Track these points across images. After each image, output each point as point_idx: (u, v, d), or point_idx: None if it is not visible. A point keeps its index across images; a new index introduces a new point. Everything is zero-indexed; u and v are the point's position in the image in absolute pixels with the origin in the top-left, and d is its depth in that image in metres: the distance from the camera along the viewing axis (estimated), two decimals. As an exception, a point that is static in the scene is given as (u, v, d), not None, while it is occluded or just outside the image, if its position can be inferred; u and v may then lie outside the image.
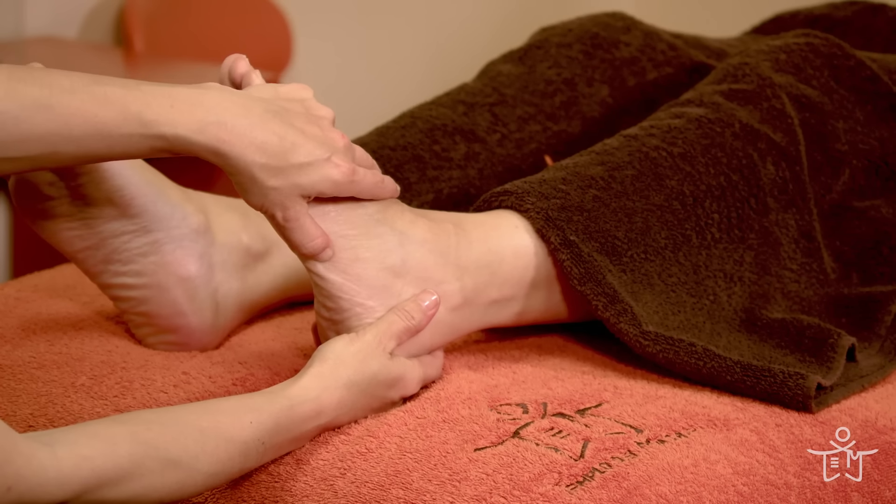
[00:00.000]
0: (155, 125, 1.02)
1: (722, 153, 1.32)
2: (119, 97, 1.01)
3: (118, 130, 1.01)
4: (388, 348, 1.11)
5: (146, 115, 1.02)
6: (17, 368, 1.20)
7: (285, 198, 1.07)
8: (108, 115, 1.01)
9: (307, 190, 1.08)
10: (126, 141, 1.02)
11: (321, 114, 1.11)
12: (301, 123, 1.08)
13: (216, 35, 2.81)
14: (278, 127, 1.06)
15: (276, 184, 1.07)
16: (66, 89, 1.00)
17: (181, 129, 1.03)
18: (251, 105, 1.06)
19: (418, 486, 1.02)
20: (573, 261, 1.21)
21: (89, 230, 1.19)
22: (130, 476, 0.92)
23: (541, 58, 1.55)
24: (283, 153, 1.06)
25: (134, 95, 1.02)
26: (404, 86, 3.29)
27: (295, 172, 1.07)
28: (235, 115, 1.05)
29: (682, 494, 1.02)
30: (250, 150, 1.05)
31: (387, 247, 1.14)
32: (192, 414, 0.99)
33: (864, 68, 1.46)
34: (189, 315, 1.22)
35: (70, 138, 1.00)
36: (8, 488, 0.85)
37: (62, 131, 1.00)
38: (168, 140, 1.03)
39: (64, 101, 1.00)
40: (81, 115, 1.00)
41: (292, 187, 1.07)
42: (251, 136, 1.05)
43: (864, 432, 1.14)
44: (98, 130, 1.01)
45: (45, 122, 0.99)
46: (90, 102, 1.00)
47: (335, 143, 1.09)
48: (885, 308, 1.31)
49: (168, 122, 1.02)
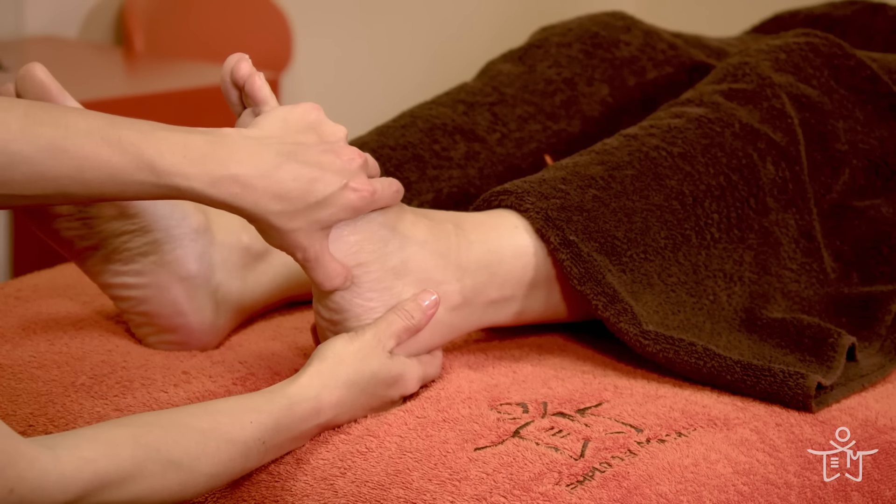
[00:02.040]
0: (167, 176, 1.02)
1: (722, 153, 1.32)
2: (133, 143, 1.01)
3: (130, 177, 1.01)
4: (387, 347, 1.11)
5: (159, 164, 1.01)
6: (17, 368, 1.20)
7: (305, 237, 1.07)
8: (122, 161, 1.00)
9: (327, 222, 1.08)
10: (138, 188, 1.02)
11: (335, 137, 1.10)
12: (315, 156, 1.07)
13: (216, 35, 2.81)
14: (293, 168, 1.05)
15: (294, 226, 1.07)
16: (82, 131, 0.99)
17: (194, 183, 1.02)
18: (263, 153, 1.05)
19: (418, 485, 1.02)
20: (573, 260, 1.21)
21: (89, 230, 1.19)
22: (132, 478, 0.92)
23: (541, 57, 1.55)
24: (300, 196, 1.06)
25: (148, 143, 1.01)
26: (404, 85, 3.29)
27: (314, 210, 1.07)
28: (248, 167, 1.04)
29: (683, 494, 1.02)
30: (264, 200, 1.04)
31: (388, 249, 1.14)
32: (193, 416, 0.99)
33: (864, 68, 1.46)
34: (189, 314, 1.22)
35: (82, 182, 1.00)
36: (10, 490, 0.85)
37: (75, 175, 0.99)
38: (181, 191, 1.03)
39: (78, 144, 0.99)
40: (94, 160, 0.99)
41: (312, 224, 1.07)
42: (265, 186, 1.04)
43: (864, 432, 1.14)
44: (110, 176, 1.00)
45: (59, 166, 0.99)
46: (104, 147, 1.00)
47: (351, 166, 1.09)
48: (885, 307, 1.31)
49: (180, 174, 1.02)
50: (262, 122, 1.09)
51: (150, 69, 2.54)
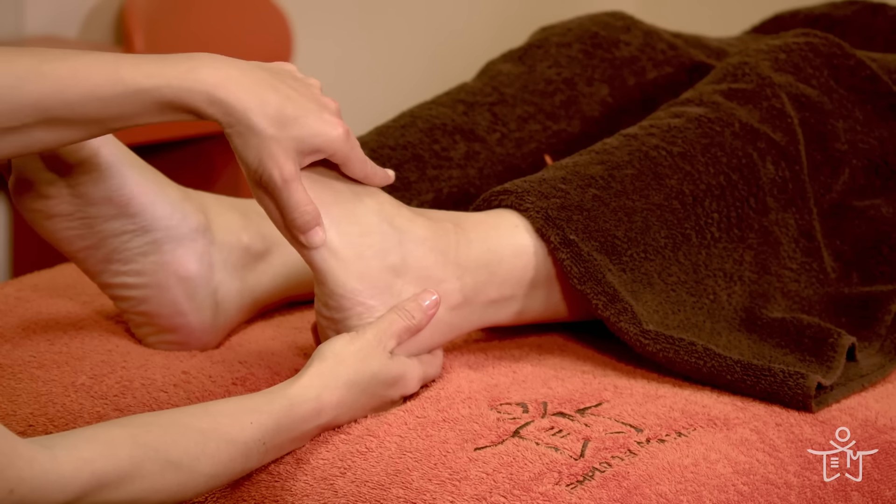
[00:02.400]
0: (147, 80, 1.02)
1: (721, 152, 1.32)
2: (109, 61, 1.02)
3: (111, 90, 1.02)
4: (388, 347, 1.11)
5: (137, 72, 1.02)
6: (17, 368, 1.20)
7: (283, 152, 1.07)
8: (100, 76, 1.02)
9: (304, 144, 1.08)
10: (120, 101, 1.02)
11: (309, 82, 1.12)
12: (291, 83, 1.09)
13: (216, 35, 2.81)
14: (270, 79, 1.07)
15: (273, 132, 1.06)
16: (58, 56, 1.01)
17: (174, 80, 1.03)
18: (241, 62, 1.07)
19: (418, 485, 1.02)
20: (573, 260, 1.21)
21: (89, 229, 1.19)
22: (131, 478, 0.92)
23: (541, 57, 1.55)
24: (276, 103, 1.06)
25: (124, 59, 1.03)
26: (404, 85, 3.29)
27: (291, 124, 1.07)
28: (228, 66, 1.05)
29: (683, 494, 1.02)
30: (245, 95, 1.05)
31: (387, 245, 1.14)
32: (192, 416, 0.99)
33: (863, 68, 1.46)
34: (189, 314, 1.22)
35: (63, 102, 1.01)
36: (10, 491, 0.85)
37: (55, 95, 1.01)
38: (162, 92, 1.03)
39: (55, 66, 1.01)
40: (73, 78, 1.01)
41: (290, 139, 1.07)
42: (244, 81, 1.05)
43: (864, 432, 1.14)
44: (90, 92, 1.01)
45: (38, 88, 1.00)
46: (81, 66, 1.01)
47: (327, 105, 1.10)
48: (885, 307, 1.31)
49: (160, 74, 1.03)
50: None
51: (149, 69, 2.54)
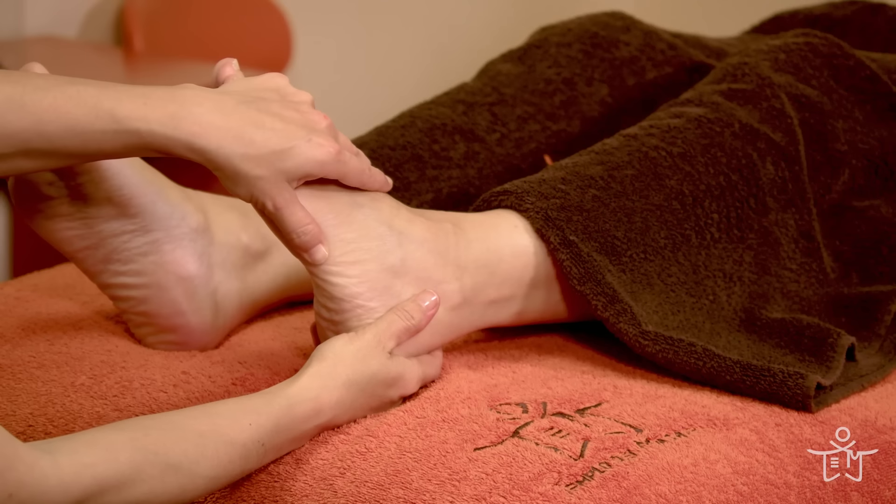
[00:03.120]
0: (127, 121, 1.01)
1: (721, 153, 1.32)
2: (92, 95, 1.01)
3: (91, 127, 1.01)
4: (387, 347, 1.11)
5: (118, 111, 1.01)
6: (16, 368, 1.20)
7: (272, 185, 1.07)
8: (81, 111, 1.01)
9: (293, 174, 1.07)
10: (100, 137, 1.02)
11: (299, 98, 1.11)
12: (277, 109, 1.07)
13: (216, 35, 2.81)
14: (254, 115, 1.06)
15: (260, 172, 1.06)
16: (40, 87, 1.00)
17: (154, 125, 1.02)
18: (224, 99, 1.06)
19: (418, 485, 1.02)
20: (572, 260, 1.21)
21: (89, 230, 1.19)
22: (132, 482, 0.92)
23: (540, 57, 1.55)
24: (261, 141, 1.05)
25: (107, 94, 1.01)
26: (404, 85, 3.29)
27: (277, 159, 1.06)
28: (209, 109, 1.04)
29: (682, 494, 1.02)
30: (227, 141, 1.04)
31: (386, 247, 1.14)
32: (191, 418, 0.99)
33: (863, 68, 1.46)
34: (188, 314, 1.22)
35: (43, 135, 1.00)
36: (10, 495, 0.85)
37: (35, 128, 1.00)
38: (142, 136, 1.02)
39: (36, 99, 0.99)
40: (54, 112, 1.00)
41: (277, 174, 1.06)
42: (226, 126, 1.04)
43: (863, 432, 1.14)
44: (71, 127, 1.00)
45: (18, 120, 0.99)
46: (62, 100, 1.00)
47: (316, 125, 1.09)
48: (884, 307, 1.31)
49: (141, 117, 1.02)
50: (226, 84, 1.10)
51: (149, 69, 2.54)
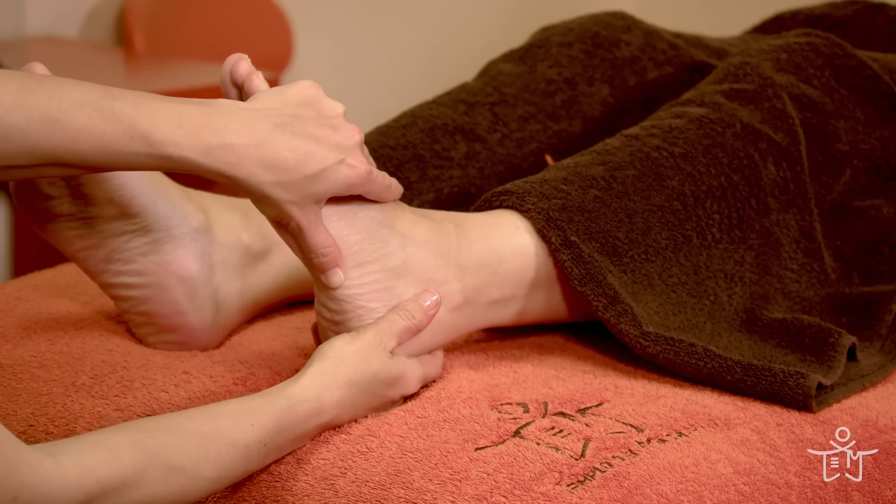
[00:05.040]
0: (161, 146, 1.01)
1: (723, 153, 1.32)
2: (127, 114, 1.00)
3: (125, 148, 1.01)
4: (388, 347, 1.11)
5: (153, 135, 1.01)
6: (17, 368, 1.20)
7: (300, 208, 1.07)
8: (115, 132, 1.00)
9: (322, 196, 1.08)
10: (132, 158, 1.01)
11: (332, 113, 1.10)
12: (312, 129, 1.07)
13: (216, 34, 2.81)
14: (289, 140, 1.05)
15: (289, 197, 1.06)
16: (76, 103, 0.99)
17: (187, 152, 1.02)
18: (259, 123, 1.05)
19: (419, 485, 1.02)
20: (574, 261, 1.21)
21: (90, 229, 1.18)
22: (135, 484, 0.92)
23: (541, 57, 1.55)
24: (295, 167, 1.05)
25: (143, 114, 1.01)
26: (405, 85, 3.29)
27: (309, 183, 1.06)
28: (243, 136, 1.03)
29: (683, 494, 1.02)
30: (259, 170, 1.04)
31: (389, 249, 1.14)
32: (193, 420, 0.99)
33: (865, 68, 1.46)
34: (189, 314, 1.22)
35: (76, 152, 0.99)
36: (14, 497, 0.85)
37: (68, 146, 0.99)
38: (174, 160, 1.02)
39: (72, 116, 0.99)
40: (88, 131, 0.99)
41: (307, 197, 1.07)
42: (259, 156, 1.04)
43: (864, 432, 1.14)
44: (104, 147, 1.00)
45: (52, 137, 0.98)
46: (97, 118, 0.99)
47: (348, 142, 1.08)
48: (885, 307, 1.31)
49: (174, 143, 1.01)
50: (259, 96, 1.09)
51: (150, 69, 2.54)
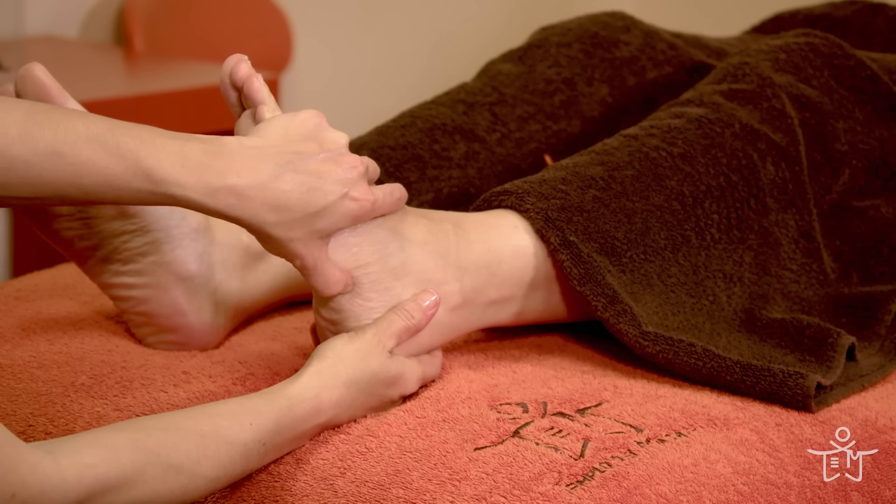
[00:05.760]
0: (164, 185, 1.01)
1: (722, 153, 1.32)
2: (131, 150, 1.00)
3: (127, 185, 1.01)
4: (387, 347, 1.11)
5: (156, 173, 1.01)
6: (17, 368, 1.20)
7: (304, 245, 1.07)
8: (119, 168, 1.00)
9: (326, 231, 1.08)
10: (135, 194, 1.02)
11: (335, 145, 1.09)
12: (315, 165, 1.07)
13: (216, 35, 2.81)
14: (292, 178, 1.05)
15: (293, 235, 1.06)
16: (81, 137, 0.99)
17: (191, 193, 1.02)
18: (262, 164, 1.05)
19: (418, 485, 1.02)
20: (573, 261, 1.21)
21: (89, 230, 1.19)
22: (133, 483, 0.92)
23: (540, 57, 1.55)
24: (298, 206, 1.05)
25: (147, 151, 1.01)
26: (404, 85, 3.29)
27: (312, 220, 1.07)
28: (246, 178, 1.03)
29: (683, 494, 1.02)
30: (262, 211, 1.04)
31: (388, 251, 1.14)
32: (192, 419, 0.99)
33: (864, 68, 1.46)
34: (189, 314, 1.22)
35: (79, 186, 1.00)
36: (13, 495, 0.85)
37: (72, 180, 0.99)
38: (177, 200, 1.02)
39: (76, 150, 0.99)
40: (92, 166, 0.99)
41: (311, 233, 1.07)
42: (263, 197, 1.04)
43: (864, 432, 1.14)
44: (107, 183, 1.00)
45: (56, 170, 0.99)
46: (101, 153, 1.00)
47: (351, 174, 1.08)
48: (884, 307, 1.31)
49: (177, 183, 1.02)
50: (263, 129, 1.09)
51: (150, 69, 2.54)
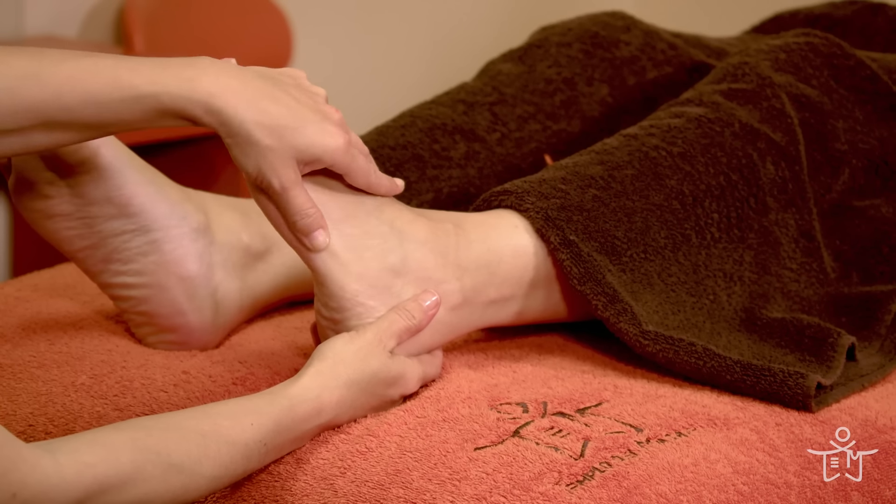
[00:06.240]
0: (145, 86, 1.02)
1: (721, 153, 1.32)
2: (109, 66, 1.02)
3: (109, 96, 1.02)
4: (388, 347, 1.11)
5: (136, 79, 1.02)
6: (17, 367, 1.20)
7: (281, 161, 1.07)
8: (99, 81, 1.01)
9: (303, 154, 1.07)
10: (118, 106, 1.02)
11: (314, 90, 1.11)
12: (294, 92, 1.08)
13: (216, 35, 2.81)
14: (270, 89, 1.06)
15: (270, 142, 1.06)
16: (56, 60, 1.01)
17: (172, 88, 1.03)
18: (242, 70, 1.06)
19: (418, 485, 1.02)
20: (573, 260, 1.21)
21: (89, 229, 1.19)
22: (133, 482, 0.92)
23: (541, 57, 1.55)
24: (276, 114, 1.06)
25: (124, 64, 1.02)
26: (404, 85, 3.29)
27: (290, 134, 1.06)
28: (227, 74, 1.05)
29: (683, 493, 1.02)
30: (243, 105, 1.04)
31: (387, 246, 1.14)
32: (193, 418, 0.99)
33: (863, 68, 1.46)
34: (189, 314, 1.22)
35: (61, 107, 1.01)
36: (13, 495, 0.85)
37: (53, 100, 1.00)
38: (160, 100, 1.03)
39: (53, 71, 1.00)
40: (71, 83, 1.00)
41: (288, 149, 1.07)
42: (243, 92, 1.05)
43: (864, 431, 1.14)
44: (89, 97, 1.01)
45: (36, 92, 1.00)
46: (79, 71, 1.01)
47: (329, 115, 1.09)
48: (885, 307, 1.31)
49: (159, 81, 1.02)
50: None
51: (149, 69, 2.54)
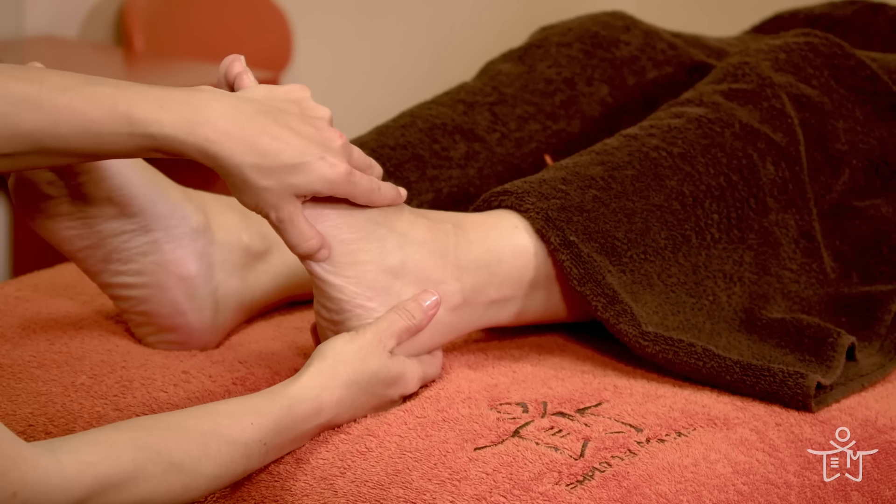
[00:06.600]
0: (142, 124, 1.02)
1: (722, 153, 1.32)
2: (108, 96, 1.01)
3: (106, 129, 1.01)
4: (388, 347, 1.11)
5: (134, 113, 1.01)
6: (16, 367, 1.20)
7: (278, 198, 1.07)
8: (97, 113, 1.01)
9: (300, 190, 1.08)
10: (114, 139, 1.02)
11: (317, 114, 1.10)
12: (294, 123, 1.07)
13: (216, 35, 2.81)
14: (269, 126, 1.06)
15: (267, 184, 1.06)
16: (57, 87, 1.00)
17: (168, 129, 1.02)
18: (242, 106, 1.05)
19: (418, 485, 1.02)
20: (573, 261, 1.21)
21: (89, 229, 1.19)
22: (134, 481, 0.92)
23: (541, 57, 1.55)
24: (274, 153, 1.05)
25: (123, 95, 1.01)
26: (404, 85, 3.29)
27: (287, 172, 1.06)
28: (225, 116, 1.04)
29: (682, 493, 1.02)
30: (239, 150, 1.04)
31: (386, 248, 1.14)
32: (193, 418, 0.99)
33: (863, 68, 1.46)
34: (189, 314, 1.22)
35: (58, 136, 1.00)
36: (13, 493, 0.85)
37: (50, 129, 1.00)
38: (156, 139, 1.02)
39: (53, 99, 1.00)
40: (69, 113, 1.00)
41: (285, 187, 1.07)
42: (240, 135, 1.04)
43: (863, 431, 1.14)
44: (86, 128, 1.01)
45: (34, 119, 0.99)
46: (79, 100, 1.00)
47: (331, 143, 1.09)
48: (885, 307, 1.31)
49: (156, 120, 1.02)
50: (247, 90, 1.10)
51: (150, 69, 2.55)
